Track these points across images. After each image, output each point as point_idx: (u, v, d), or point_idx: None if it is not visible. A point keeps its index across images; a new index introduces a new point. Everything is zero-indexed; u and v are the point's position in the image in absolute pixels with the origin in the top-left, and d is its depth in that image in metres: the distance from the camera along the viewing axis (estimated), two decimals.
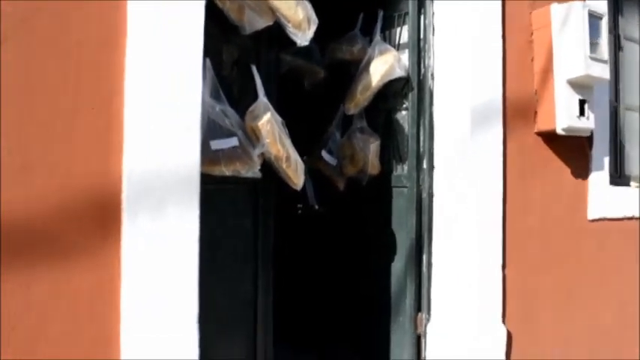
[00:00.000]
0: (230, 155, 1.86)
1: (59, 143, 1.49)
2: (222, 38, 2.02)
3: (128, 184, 1.56)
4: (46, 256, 1.46)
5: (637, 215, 3.22)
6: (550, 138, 2.66)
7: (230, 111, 1.91)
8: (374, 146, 2.57)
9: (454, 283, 2.42)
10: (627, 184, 3.43)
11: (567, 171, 2.80)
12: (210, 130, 1.84)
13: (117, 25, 1.58)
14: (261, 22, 1.96)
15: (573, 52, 2.50)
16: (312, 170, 2.76)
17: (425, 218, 2.48)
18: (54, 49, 1.48)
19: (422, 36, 2.54)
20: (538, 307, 2.66)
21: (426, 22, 2.52)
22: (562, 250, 2.78)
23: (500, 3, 2.51)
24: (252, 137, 1.92)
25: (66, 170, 1.49)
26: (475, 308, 2.39)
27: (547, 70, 2.58)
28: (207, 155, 1.81)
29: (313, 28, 2.00)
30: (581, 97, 2.59)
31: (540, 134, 2.65)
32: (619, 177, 3.40)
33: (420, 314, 2.48)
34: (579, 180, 2.86)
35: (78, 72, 1.52)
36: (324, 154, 2.72)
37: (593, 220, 2.94)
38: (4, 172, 1.39)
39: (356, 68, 2.62)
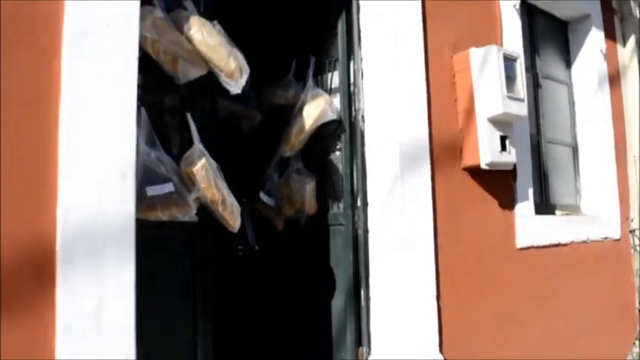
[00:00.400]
0: (166, 200, 1.91)
1: None
2: (158, 87, 2.09)
3: (63, 232, 1.58)
4: None
5: (563, 242, 3.42)
6: (476, 173, 2.83)
7: (166, 157, 1.97)
8: (310, 186, 2.67)
9: (392, 316, 2.51)
10: (553, 213, 3.65)
11: (494, 203, 2.97)
12: (146, 176, 1.90)
13: (51, 79, 1.62)
14: (195, 72, 2.04)
15: (491, 92, 2.70)
16: (252, 211, 2.83)
17: (361, 254, 2.57)
18: None
19: (352, 80, 2.69)
20: (474, 334, 2.77)
21: (355, 67, 2.67)
22: (494, 278, 2.92)
23: (422, 49, 2.69)
24: (187, 182, 1.98)
25: None
26: (413, 339, 2.48)
27: (469, 110, 2.76)
28: (144, 201, 1.85)
29: (245, 76, 2.10)
30: (501, 134, 2.78)
31: (467, 169, 2.81)
32: (545, 206, 3.62)
33: (361, 348, 2.54)
34: (506, 211, 3.04)
35: (11, 124, 1.55)
36: (263, 195, 2.80)
37: (522, 249, 3.11)
38: None
39: (291, 112, 2.73)
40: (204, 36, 2.00)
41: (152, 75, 2.03)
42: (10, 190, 1.53)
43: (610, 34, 4.13)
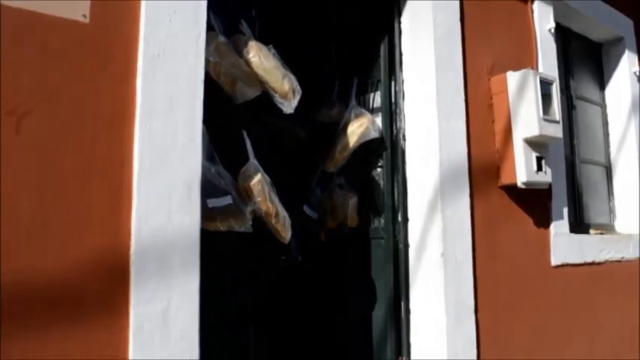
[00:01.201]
0: (225, 212, 2.05)
1: (75, 206, 1.65)
2: (217, 106, 2.24)
3: (136, 241, 1.72)
4: (61, 311, 1.60)
5: (597, 260, 3.47)
6: (512, 191, 2.92)
7: (224, 172, 2.11)
8: (352, 201, 2.79)
9: (431, 328, 2.59)
10: (587, 232, 3.70)
11: (530, 221, 3.05)
12: (207, 189, 2.04)
13: (127, 100, 1.77)
14: (251, 93, 2.19)
15: (528, 114, 2.79)
16: (295, 224, 2.95)
17: (402, 267, 2.67)
18: (72, 121, 1.67)
19: (393, 101, 2.80)
20: (510, 347, 2.84)
21: (397, 88, 2.79)
22: (529, 294, 2.99)
23: (462, 71, 2.80)
24: (244, 196, 2.12)
25: (81, 229, 1.66)
26: (452, 350, 2.56)
27: (507, 131, 2.86)
28: (205, 213, 1.99)
29: (297, 97, 2.24)
30: (538, 154, 2.87)
31: (503, 188, 2.90)
32: (579, 225, 3.68)
33: (400, 358, 2.63)
34: (542, 229, 3.11)
35: (92, 142, 1.70)
36: (306, 208, 2.92)
37: (557, 266, 3.17)
38: (27, 232, 1.55)
39: (335, 130, 2.86)
40: (261, 59, 2.15)
41: (212, 95, 2.19)
42: (92, 204, 1.67)
43: None
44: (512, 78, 2.85)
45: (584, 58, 4.05)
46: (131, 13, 1.82)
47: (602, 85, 4.16)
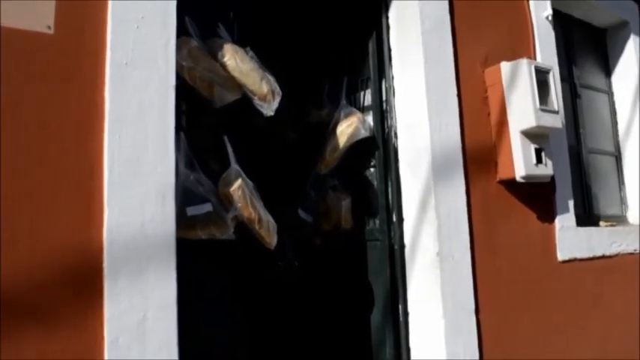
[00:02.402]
0: (205, 220, 2.01)
1: (44, 219, 1.63)
2: (196, 112, 2.21)
3: (109, 251, 1.69)
4: (34, 326, 1.58)
5: (607, 254, 3.35)
6: (512, 186, 2.82)
7: (204, 179, 2.07)
8: (346, 203, 2.73)
9: (430, 330, 2.52)
10: (597, 224, 3.58)
11: (533, 215, 2.95)
12: (186, 197, 2.00)
13: (96, 111, 1.74)
14: (230, 97, 2.15)
15: (524, 105, 2.69)
16: (291, 228, 2.90)
17: (398, 269, 2.60)
18: (37, 133, 1.64)
19: (384, 98, 2.74)
20: (515, 347, 2.74)
21: (387, 85, 2.72)
22: (535, 291, 2.89)
23: (453, 64, 2.72)
24: (225, 202, 2.07)
25: (51, 241, 1.63)
26: (451, 352, 2.48)
27: (502, 123, 2.77)
28: (184, 221, 1.95)
29: (278, 99, 2.19)
30: (536, 146, 2.77)
31: (502, 182, 2.81)
32: (588, 217, 3.56)
33: None
34: (545, 223, 3.01)
35: (59, 154, 1.67)
36: (301, 212, 2.86)
37: (564, 262, 3.06)
38: None
39: (326, 130, 2.80)
40: (237, 62, 2.11)
41: (190, 100, 2.16)
42: (62, 216, 1.64)
43: None
44: (506, 68, 2.77)
45: (587, 46, 3.93)
46: (97, 21, 1.79)
47: (608, 73, 4.03)
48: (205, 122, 2.26)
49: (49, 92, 1.68)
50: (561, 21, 3.63)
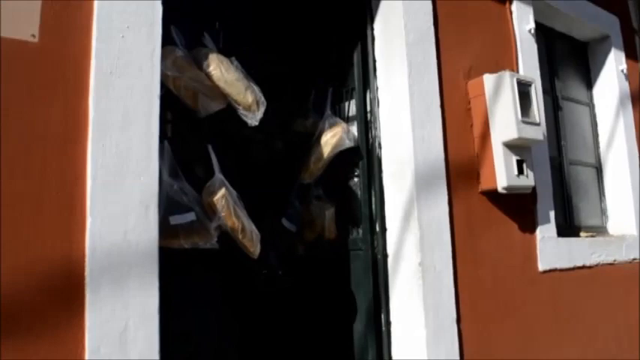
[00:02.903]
0: (189, 229, 2.01)
1: (26, 227, 1.62)
2: (181, 121, 2.22)
3: (91, 260, 1.68)
4: (14, 335, 1.57)
5: (587, 264, 3.40)
6: (494, 196, 2.86)
7: (188, 188, 2.07)
8: (329, 212, 2.74)
9: (412, 340, 2.53)
10: (577, 235, 3.63)
11: (514, 226, 2.99)
12: (170, 206, 2.00)
13: (79, 119, 1.74)
14: (214, 106, 2.16)
15: (506, 117, 2.73)
16: (275, 237, 2.90)
17: (381, 279, 2.62)
18: (20, 141, 1.64)
19: (368, 109, 2.76)
20: (496, 356, 2.77)
21: (371, 96, 2.74)
22: (516, 301, 2.92)
23: (437, 76, 2.75)
24: (209, 212, 2.08)
25: (33, 249, 1.62)
26: None
27: (485, 135, 2.80)
28: (167, 230, 1.95)
29: (262, 109, 2.21)
30: (518, 158, 2.80)
31: (484, 193, 2.84)
32: (569, 228, 3.61)
33: None
34: (527, 234, 3.04)
35: (43, 162, 1.67)
36: (285, 221, 2.87)
37: (545, 272, 3.10)
38: None
39: (310, 140, 2.82)
40: (222, 72, 2.12)
41: (175, 109, 2.16)
42: (44, 224, 1.64)
43: (631, 54, 4.13)
44: (489, 80, 2.80)
45: (569, 58, 4.00)
46: (82, 30, 1.79)
47: (589, 85, 4.09)
48: (190, 131, 2.26)
49: (34, 100, 1.68)
50: (544, 34, 3.69)
